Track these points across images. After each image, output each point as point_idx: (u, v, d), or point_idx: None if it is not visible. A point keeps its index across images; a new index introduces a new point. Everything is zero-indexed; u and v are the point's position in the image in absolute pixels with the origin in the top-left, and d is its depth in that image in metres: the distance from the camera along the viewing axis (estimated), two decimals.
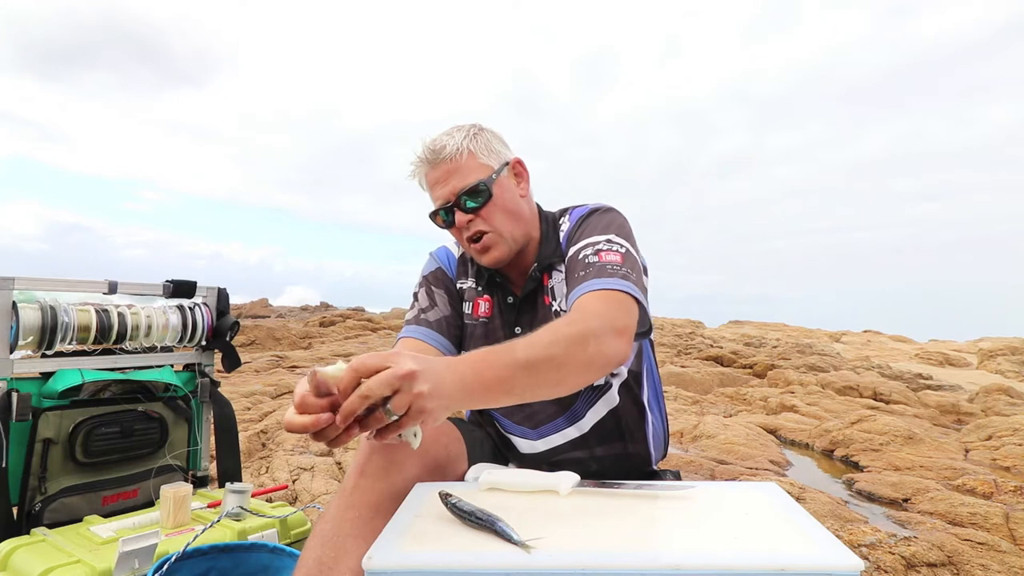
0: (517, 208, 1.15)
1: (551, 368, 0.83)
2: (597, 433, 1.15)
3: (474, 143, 1.12)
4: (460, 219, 1.11)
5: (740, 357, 8.93)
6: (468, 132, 1.13)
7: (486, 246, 1.12)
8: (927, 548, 2.08)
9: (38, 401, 1.39)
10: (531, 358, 0.82)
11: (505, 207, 1.13)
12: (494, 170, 1.13)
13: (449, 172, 1.11)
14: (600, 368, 0.90)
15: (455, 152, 1.11)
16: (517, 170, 1.19)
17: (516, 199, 1.16)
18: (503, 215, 1.12)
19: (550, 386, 0.86)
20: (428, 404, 0.70)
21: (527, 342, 0.85)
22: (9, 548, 1.21)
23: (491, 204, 1.11)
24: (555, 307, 1.14)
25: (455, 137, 1.12)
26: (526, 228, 1.17)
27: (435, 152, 1.11)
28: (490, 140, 1.15)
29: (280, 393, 4.92)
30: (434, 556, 0.66)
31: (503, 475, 0.91)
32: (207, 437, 1.73)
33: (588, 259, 1.04)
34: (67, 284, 1.48)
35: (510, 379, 0.81)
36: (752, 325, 18.26)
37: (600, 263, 1.02)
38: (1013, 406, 5.31)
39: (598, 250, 1.05)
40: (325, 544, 0.83)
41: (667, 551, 0.66)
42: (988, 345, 10.95)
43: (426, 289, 1.24)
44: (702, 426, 4.25)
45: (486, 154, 1.13)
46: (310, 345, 9.81)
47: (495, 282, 1.21)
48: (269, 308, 19.27)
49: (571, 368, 0.86)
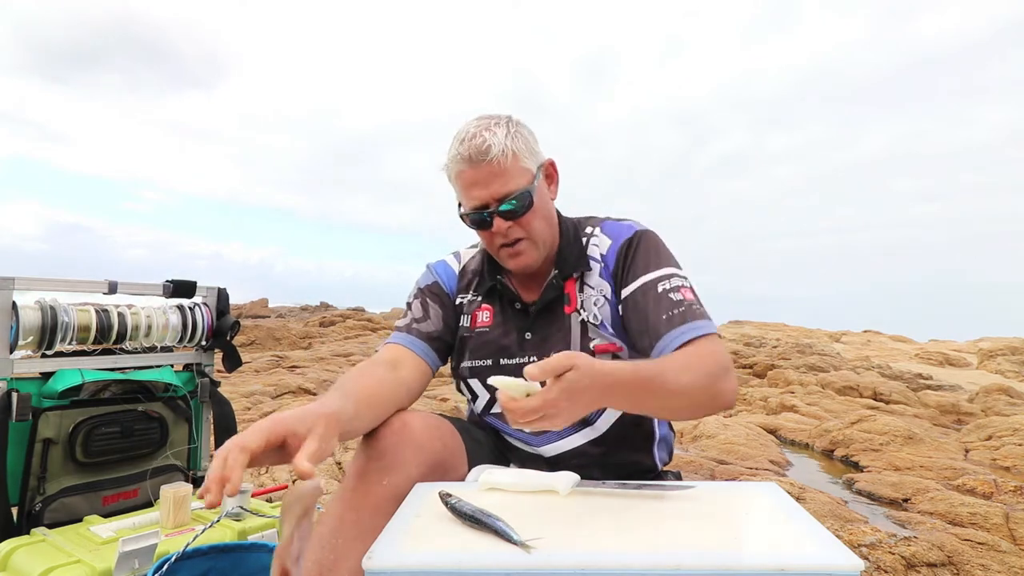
0: (551, 213, 1.14)
1: (678, 398, 0.93)
2: (603, 442, 1.13)
3: (516, 143, 1.07)
4: (499, 225, 1.08)
5: (740, 357, 8.93)
6: (509, 129, 1.07)
7: (519, 251, 1.10)
8: (927, 548, 2.08)
9: (38, 401, 1.39)
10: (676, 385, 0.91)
11: (543, 213, 1.11)
12: (533, 174, 1.09)
13: (492, 175, 1.05)
14: (720, 405, 0.97)
15: (500, 153, 1.05)
16: (549, 172, 1.15)
17: (549, 206, 1.14)
18: (541, 222, 1.10)
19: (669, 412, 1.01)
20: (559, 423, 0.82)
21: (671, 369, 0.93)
22: (9, 548, 1.21)
23: (531, 212, 1.08)
24: (584, 318, 1.10)
25: (498, 135, 1.06)
26: (555, 233, 1.15)
27: (481, 152, 1.04)
28: (528, 139, 1.10)
29: (280, 393, 4.92)
30: (434, 556, 0.66)
31: (503, 475, 0.91)
32: (207, 437, 1.72)
33: (673, 296, 1.05)
34: (67, 284, 1.48)
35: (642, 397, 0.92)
36: (752, 325, 18.26)
37: (687, 303, 1.04)
38: (1013, 406, 5.31)
39: (678, 286, 1.06)
40: (325, 545, 0.83)
41: (667, 551, 0.66)
42: (988, 345, 10.94)
43: (421, 301, 1.22)
44: (702, 426, 4.25)
45: (527, 156, 1.09)
46: (310, 345, 9.81)
47: (495, 290, 1.18)
48: (269, 308, 19.27)
49: (701, 400, 0.95)
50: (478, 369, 1.17)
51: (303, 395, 4.93)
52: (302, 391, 5.12)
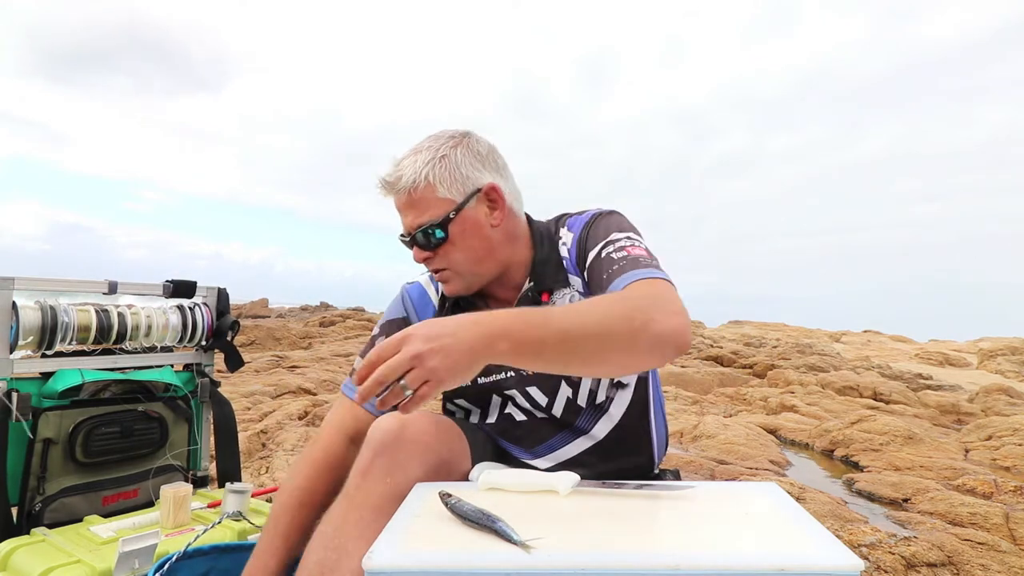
0: (483, 243, 1.07)
1: (590, 338, 0.80)
2: (600, 449, 1.12)
3: (435, 171, 1.03)
4: (416, 255, 1.08)
5: (740, 357, 8.93)
6: (433, 157, 1.03)
7: (444, 279, 1.10)
8: (927, 548, 2.08)
9: (38, 401, 1.39)
10: (567, 326, 0.79)
11: (465, 245, 1.06)
12: (455, 204, 1.04)
13: (407, 204, 1.05)
14: (651, 346, 0.82)
15: (411, 183, 1.03)
16: (492, 197, 1.08)
17: (483, 233, 1.07)
18: (463, 254, 1.06)
19: (590, 358, 0.82)
20: (442, 375, 0.74)
21: (563, 310, 0.83)
22: (9, 548, 1.21)
23: (448, 244, 1.05)
24: None
25: (417, 163, 1.03)
26: (497, 259, 1.10)
27: (393, 181, 1.05)
28: (458, 166, 1.04)
29: (280, 393, 4.92)
30: (434, 556, 0.66)
31: (503, 475, 0.91)
32: (207, 437, 1.72)
33: (615, 255, 1.00)
34: (67, 284, 1.48)
35: (540, 342, 0.78)
36: (752, 325, 18.26)
37: (631, 256, 0.98)
38: (1013, 406, 5.31)
39: (623, 246, 1.01)
40: (327, 545, 0.83)
41: (667, 551, 0.66)
42: (988, 345, 10.95)
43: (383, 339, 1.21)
44: (702, 426, 4.25)
45: (448, 185, 1.03)
46: (310, 345, 9.81)
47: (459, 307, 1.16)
48: (269, 308, 19.28)
49: (615, 343, 0.80)
50: (458, 390, 1.16)
51: (303, 395, 4.93)
52: (302, 391, 5.12)
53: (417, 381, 0.74)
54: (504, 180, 1.11)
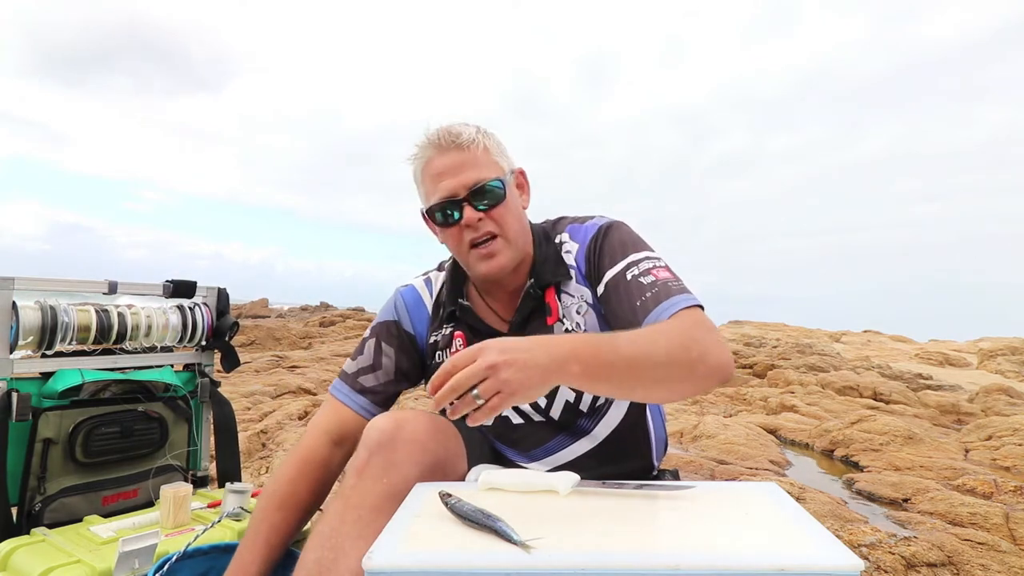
0: (522, 219, 1.10)
1: (654, 367, 0.83)
2: (601, 451, 1.12)
3: (488, 140, 1.06)
4: (470, 215, 1.02)
5: (740, 357, 8.92)
6: (480, 128, 1.06)
7: (492, 252, 1.04)
8: (927, 548, 2.08)
9: (38, 401, 1.39)
10: (635, 354, 0.82)
11: (515, 214, 1.07)
12: (505, 173, 1.07)
13: (463, 163, 1.02)
14: (705, 376, 0.87)
15: (471, 141, 1.03)
16: (520, 180, 1.12)
17: (521, 210, 1.11)
18: (512, 221, 1.06)
19: (651, 385, 0.86)
20: (514, 387, 0.75)
21: (628, 338, 0.85)
22: (9, 548, 1.21)
23: (504, 205, 1.04)
24: (567, 327, 1.07)
25: (470, 128, 1.05)
26: (527, 239, 1.11)
27: (451, 137, 1.02)
28: (499, 143, 1.09)
29: (280, 393, 4.92)
30: (434, 556, 0.66)
31: (503, 475, 0.91)
32: (207, 437, 1.72)
33: (643, 280, 0.99)
34: (67, 284, 1.48)
35: (609, 367, 0.81)
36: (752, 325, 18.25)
37: (660, 281, 0.98)
38: (1013, 406, 5.31)
39: (647, 268, 1.01)
40: (325, 544, 0.83)
41: (667, 551, 0.66)
42: (988, 345, 10.94)
43: (375, 343, 1.17)
44: (702, 426, 4.25)
45: (498, 154, 1.07)
46: (310, 345, 9.81)
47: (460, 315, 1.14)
48: (269, 308, 19.27)
49: (675, 371, 0.85)
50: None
51: (303, 395, 4.93)
52: (302, 391, 5.12)
53: (490, 391, 0.75)
54: None
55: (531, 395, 0.78)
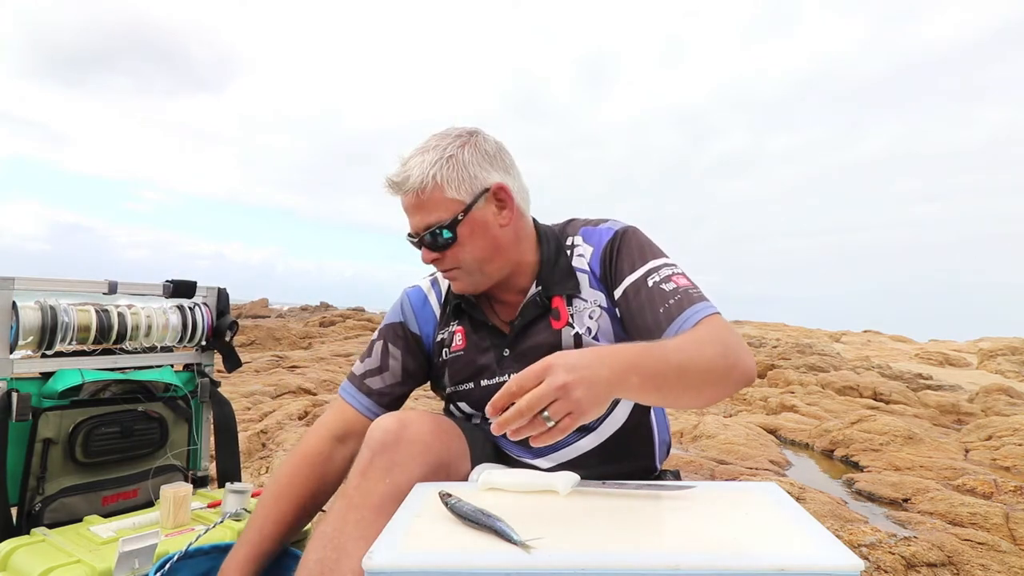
0: (492, 243, 1.07)
1: (698, 373, 0.85)
2: (604, 450, 1.12)
3: (443, 172, 1.02)
4: (424, 256, 1.07)
5: None
6: (440, 157, 1.03)
7: (452, 278, 1.10)
8: (927, 548, 2.08)
9: (38, 401, 1.39)
10: (683, 362, 0.84)
11: (474, 246, 1.05)
12: (464, 205, 1.03)
13: (414, 205, 1.04)
14: (737, 381, 0.90)
15: (419, 184, 1.02)
16: (500, 196, 1.07)
17: (491, 234, 1.06)
18: (471, 255, 1.06)
19: (694, 392, 0.88)
20: (585, 407, 0.74)
21: (675, 345, 0.86)
22: (9, 548, 1.21)
23: (456, 246, 1.05)
24: (577, 331, 1.07)
25: (424, 163, 1.02)
26: (507, 259, 1.10)
27: (398, 183, 1.04)
28: (466, 166, 1.03)
29: (280, 393, 4.92)
30: (434, 556, 0.66)
31: (503, 475, 0.91)
32: (207, 437, 1.72)
33: (665, 287, 1.01)
34: (67, 284, 1.48)
35: (663, 376, 0.82)
36: (752, 325, 18.25)
37: (681, 288, 1.00)
38: (1013, 406, 5.31)
39: (668, 275, 1.02)
40: (327, 545, 0.83)
41: (667, 551, 0.66)
42: (988, 345, 10.95)
43: (382, 345, 1.19)
44: (702, 426, 4.25)
45: (456, 185, 1.02)
46: (310, 345, 9.81)
47: (461, 310, 1.16)
48: (269, 308, 19.28)
49: (714, 377, 0.87)
50: (461, 393, 1.16)
51: (303, 395, 4.93)
52: (302, 391, 5.12)
53: (561, 412, 0.73)
54: (512, 179, 1.10)
55: (598, 412, 0.77)
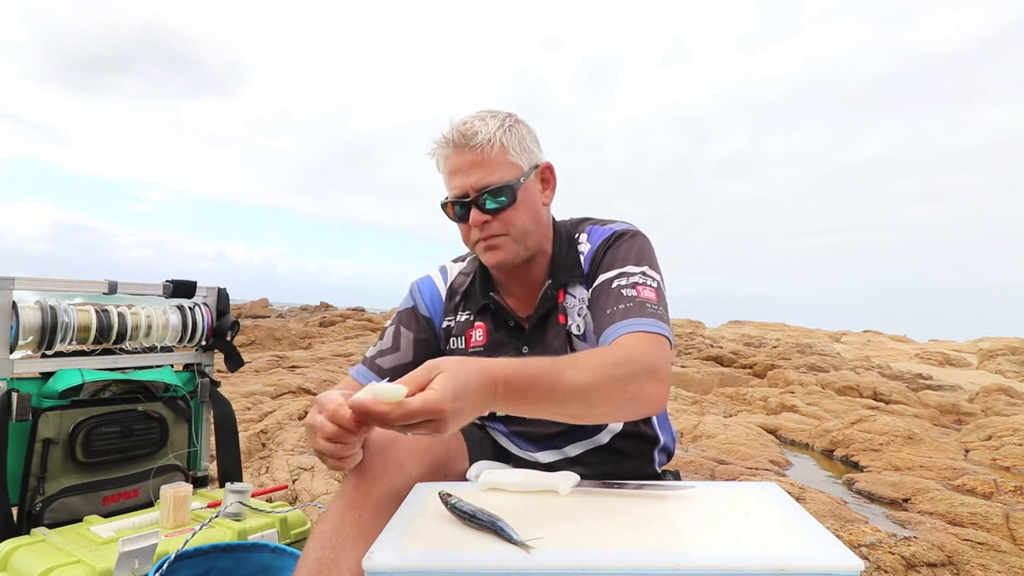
0: (537, 217, 1.09)
1: (590, 398, 0.81)
2: (604, 451, 1.12)
3: (508, 136, 1.03)
4: (476, 217, 1.03)
5: (740, 357, 8.93)
6: (503, 122, 1.04)
7: (495, 245, 1.05)
8: (927, 548, 2.08)
9: (38, 401, 1.39)
10: (575, 384, 0.79)
11: (526, 214, 1.06)
12: (523, 172, 1.05)
13: (474, 163, 1.02)
14: (638, 411, 0.88)
15: (485, 141, 1.01)
16: (545, 176, 1.11)
17: (538, 207, 1.09)
18: (522, 222, 1.05)
19: (581, 414, 0.84)
20: (448, 426, 0.68)
21: (572, 366, 0.81)
22: (9, 548, 1.21)
23: (513, 208, 1.04)
24: (570, 327, 1.08)
25: (489, 125, 1.03)
26: (540, 238, 1.11)
27: (464, 136, 1.01)
28: (524, 136, 1.06)
29: (280, 393, 4.92)
30: (434, 556, 0.65)
31: (503, 475, 0.91)
32: (207, 437, 1.72)
33: (625, 292, 0.99)
34: (67, 284, 1.48)
35: (547, 398, 0.78)
36: (752, 325, 18.25)
37: (639, 299, 0.97)
38: (1013, 406, 5.32)
39: (635, 283, 1.00)
40: (325, 544, 0.83)
41: (667, 551, 0.66)
42: (988, 345, 10.95)
43: (395, 329, 1.19)
44: (702, 426, 4.25)
45: (518, 152, 1.04)
46: (310, 345, 9.81)
47: (487, 308, 1.15)
48: (269, 308, 19.28)
49: (611, 404, 0.84)
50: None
51: (303, 395, 4.93)
52: (302, 391, 5.12)
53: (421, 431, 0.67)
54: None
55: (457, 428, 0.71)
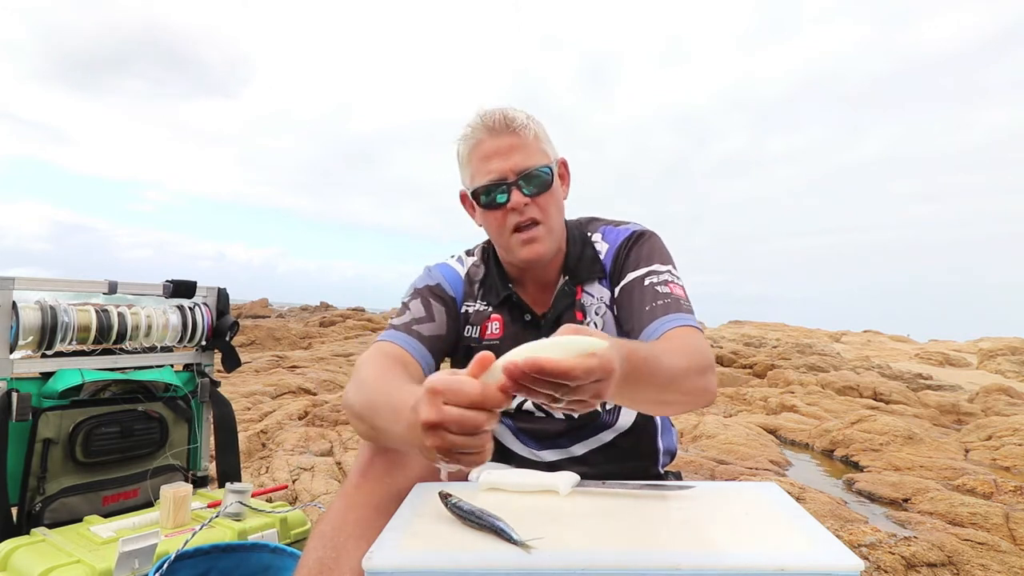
0: (562, 210, 1.11)
1: (682, 385, 0.83)
2: (607, 450, 1.13)
3: (538, 127, 1.07)
4: (516, 199, 1.03)
5: (740, 357, 8.93)
6: (530, 115, 1.07)
7: (534, 237, 1.05)
8: (927, 548, 2.08)
9: (38, 401, 1.39)
10: (673, 369, 0.81)
11: (556, 205, 1.08)
12: (552, 161, 1.08)
13: (513, 146, 1.03)
14: (706, 400, 0.89)
15: (523, 126, 1.04)
16: (562, 171, 1.13)
17: (561, 200, 1.12)
18: (554, 211, 1.07)
19: (672, 401, 0.85)
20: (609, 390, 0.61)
21: (665, 351, 0.82)
22: (9, 548, 1.21)
23: (550, 193, 1.06)
24: (588, 323, 1.09)
25: (521, 114, 1.05)
26: (562, 234, 1.12)
27: (504, 122, 1.03)
28: (547, 133, 1.10)
29: (280, 393, 4.92)
30: (434, 556, 0.65)
31: (503, 475, 0.91)
32: (207, 437, 1.72)
33: (660, 288, 1.01)
34: (67, 284, 1.48)
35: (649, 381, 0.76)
36: (752, 325, 18.26)
37: (674, 296, 1.00)
38: (1013, 406, 5.32)
39: (666, 280, 1.03)
40: (326, 544, 0.83)
41: (667, 551, 0.66)
42: (988, 345, 10.95)
43: (422, 300, 1.13)
44: (702, 426, 4.25)
45: (546, 142, 1.08)
46: (310, 345, 9.81)
47: (511, 301, 1.14)
48: (269, 308, 19.28)
49: (694, 394, 0.86)
50: None
51: (303, 395, 4.93)
52: (302, 391, 5.12)
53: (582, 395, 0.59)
54: None
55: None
